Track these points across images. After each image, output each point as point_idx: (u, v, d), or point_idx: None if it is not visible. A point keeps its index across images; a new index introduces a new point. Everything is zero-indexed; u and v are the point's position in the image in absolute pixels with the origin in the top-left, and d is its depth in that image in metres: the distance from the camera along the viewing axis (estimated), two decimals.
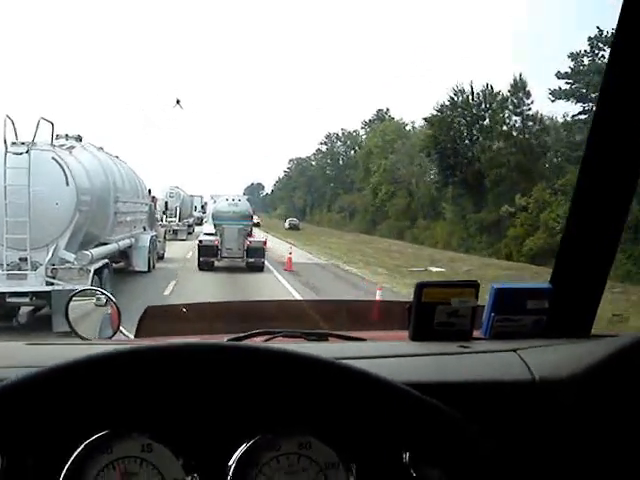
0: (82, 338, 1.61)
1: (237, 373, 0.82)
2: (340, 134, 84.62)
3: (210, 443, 0.91)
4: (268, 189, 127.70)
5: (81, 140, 11.66)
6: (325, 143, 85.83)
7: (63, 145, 10.56)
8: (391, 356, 1.12)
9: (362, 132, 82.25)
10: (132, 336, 1.74)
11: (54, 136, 9.96)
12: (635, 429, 1.04)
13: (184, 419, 0.89)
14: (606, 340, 1.17)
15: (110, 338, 1.66)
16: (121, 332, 1.71)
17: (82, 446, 0.89)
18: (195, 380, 0.82)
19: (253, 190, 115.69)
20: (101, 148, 12.66)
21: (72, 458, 0.89)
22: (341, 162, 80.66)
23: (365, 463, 0.93)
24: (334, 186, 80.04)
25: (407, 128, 59.88)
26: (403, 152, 52.29)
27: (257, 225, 46.94)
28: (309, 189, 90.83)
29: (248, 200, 19.85)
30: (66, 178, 9.30)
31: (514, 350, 1.14)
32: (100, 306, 1.76)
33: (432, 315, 1.22)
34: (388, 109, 72.06)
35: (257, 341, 1.33)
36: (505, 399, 1.03)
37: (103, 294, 1.79)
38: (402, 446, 0.89)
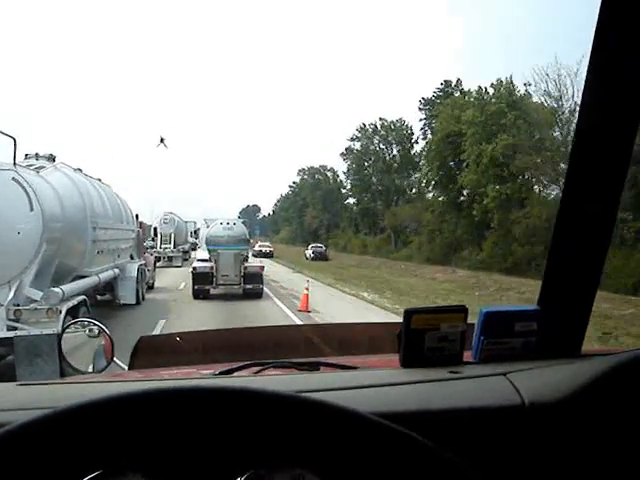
0: (76, 371, 1.70)
1: (225, 413, 0.86)
2: (378, 125, 64.76)
3: (204, 479, 0.96)
4: (265, 211, 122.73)
5: (54, 160, 10.85)
6: (357, 139, 65.53)
7: (31, 165, 9.70)
8: (383, 385, 1.19)
9: (418, 117, 66.04)
10: (126, 367, 1.80)
11: (21, 156, 8.93)
12: (627, 448, 1.10)
13: (177, 457, 0.92)
14: (595, 359, 1.24)
15: (103, 370, 1.73)
16: (115, 363, 1.77)
17: None
18: (184, 420, 0.86)
19: (249, 212, 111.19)
20: (79, 169, 11.76)
21: None
22: (381, 164, 62.21)
23: None
24: (368, 199, 64.61)
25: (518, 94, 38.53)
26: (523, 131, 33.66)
27: (269, 255, 45.66)
28: (324, 206, 74.54)
29: (244, 223, 19.62)
30: (30, 202, 8.55)
31: (504, 374, 1.21)
32: (93, 337, 1.81)
33: (422, 341, 1.28)
34: (459, 79, 55.43)
35: (249, 372, 1.42)
36: (495, 425, 1.10)
37: (95, 325, 1.85)
38: (391, 478, 0.94)
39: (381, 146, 63.91)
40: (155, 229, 29.44)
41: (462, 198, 40.93)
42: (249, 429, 0.89)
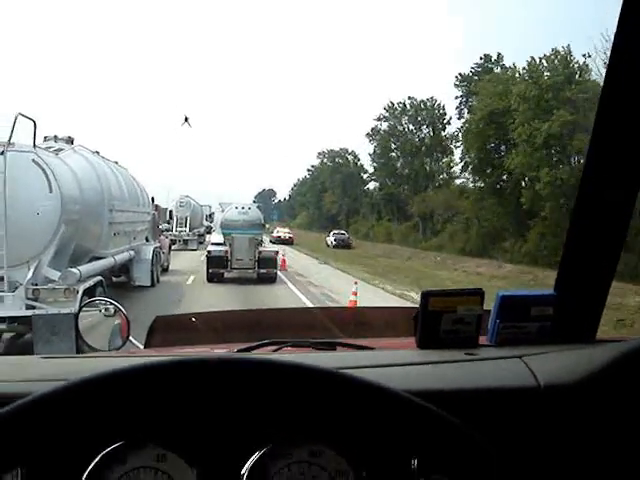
0: (92, 349, 1.72)
1: (246, 385, 0.88)
2: (407, 104, 57.34)
3: (223, 452, 0.97)
4: (281, 195, 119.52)
5: (72, 142, 10.90)
6: (384, 119, 58.33)
7: (50, 147, 9.87)
8: (399, 364, 1.20)
9: (452, 95, 62.67)
10: (142, 346, 1.84)
11: (41, 138, 9.08)
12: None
13: (197, 429, 0.95)
14: (611, 345, 1.24)
15: (119, 348, 1.75)
16: (131, 342, 1.80)
17: (98, 457, 0.96)
18: (207, 392, 0.88)
19: (264, 197, 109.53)
20: (97, 152, 11.77)
21: (89, 469, 0.96)
22: (410, 146, 55.06)
23: (375, 470, 0.99)
24: (393, 184, 58.47)
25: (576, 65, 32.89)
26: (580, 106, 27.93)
27: (289, 242, 42.94)
28: (344, 190, 69.16)
29: (258, 208, 19.70)
30: (49, 184, 8.61)
31: (519, 357, 1.22)
32: (109, 316, 1.83)
33: (439, 323, 1.30)
34: (500, 54, 48.47)
35: (266, 351, 1.43)
36: (511, 406, 1.11)
37: (112, 304, 1.88)
38: (410, 453, 0.95)
39: (410, 127, 57.23)
40: (171, 212, 29.49)
41: (504, 183, 36.06)
42: (269, 402, 0.89)
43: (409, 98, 58.00)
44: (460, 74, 51.99)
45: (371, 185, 66.05)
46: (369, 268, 24.98)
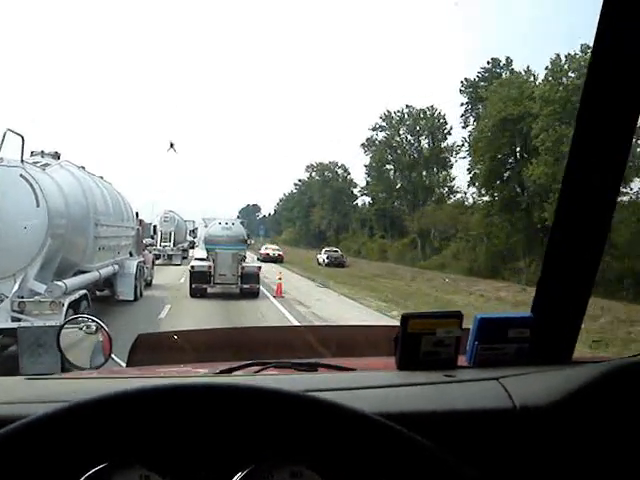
0: (74, 367, 1.72)
1: (224, 409, 0.89)
2: (405, 113, 54.55)
3: (205, 474, 0.97)
4: (265, 211, 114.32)
5: (59, 157, 11.03)
6: (381, 128, 55.20)
7: (37, 162, 10.01)
8: (379, 387, 1.21)
9: (455, 103, 60.93)
10: (124, 364, 1.84)
11: (28, 153, 9.18)
12: (617, 453, 1.11)
13: (180, 450, 0.95)
14: (586, 366, 1.26)
15: (101, 366, 1.74)
16: (113, 359, 1.80)
17: (82, 479, 0.95)
18: (188, 415, 0.89)
19: (249, 212, 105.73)
20: (82, 167, 11.96)
21: None
22: (407, 158, 52.84)
23: None
24: (385, 198, 55.74)
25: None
26: None
27: (278, 260, 38.78)
28: (334, 205, 66.21)
29: (242, 223, 19.71)
30: (36, 198, 8.69)
31: (496, 379, 1.22)
32: (90, 334, 1.83)
33: (418, 345, 1.31)
34: (509, 58, 45.96)
35: (248, 372, 1.44)
36: (488, 428, 1.11)
37: (94, 322, 1.87)
38: (388, 477, 0.92)
39: (408, 137, 54.28)
40: (155, 227, 29.40)
41: (519, 197, 32.95)
42: (250, 425, 0.90)
43: (407, 107, 55.33)
44: (466, 79, 48.83)
45: (362, 200, 63.71)
46: (376, 293, 21.55)
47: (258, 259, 34.71)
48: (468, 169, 42.14)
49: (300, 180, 79.65)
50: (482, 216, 35.49)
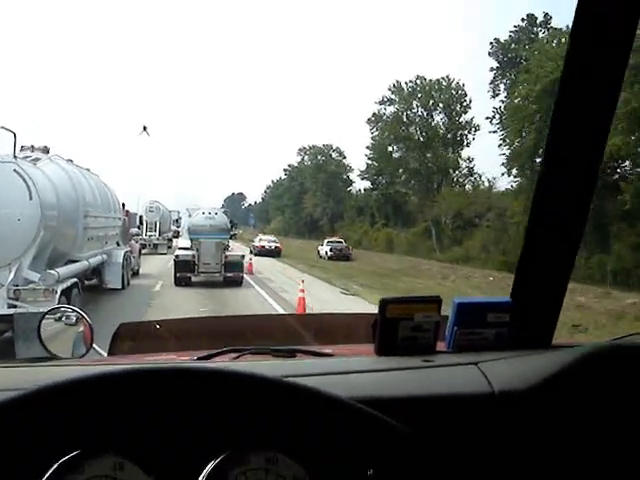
0: (55, 357, 1.67)
1: (200, 394, 0.88)
2: (416, 83, 45.87)
3: (180, 460, 0.95)
4: (251, 199, 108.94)
5: (48, 152, 11.33)
6: (390, 102, 46.62)
7: (28, 157, 10.27)
8: (356, 372, 1.18)
9: (472, 72, 55.97)
10: (105, 353, 1.81)
11: (18, 147, 9.58)
12: (595, 438, 1.09)
13: (154, 437, 0.93)
14: (565, 350, 1.23)
15: (83, 356, 1.72)
16: (94, 349, 1.76)
17: (54, 466, 0.93)
18: (162, 401, 0.88)
19: (234, 201, 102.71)
20: (70, 160, 12.36)
21: (44, 478, 0.93)
22: (420, 136, 44.74)
23: (331, 478, 0.97)
24: (388, 181, 48.41)
25: None
26: None
27: (275, 253, 32.90)
28: (329, 191, 59.45)
29: (225, 213, 19.75)
30: (29, 192, 8.93)
31: (475, 363, 1.20)
32: (70, 325, 1.81)
33: (396, 330, 1.27)
34: (548, 14, 38.16)
35: (226, 358, 1.41)
36: (466, 412, 1.09)
37: (74, 311, 1.84)
38: (365, 462, 0.93)
39: (421, 111, 45.98)
40: (141, 217, 29.42)
41: None
42: (226, 411, 0.89)
43: (417, 77, 46.53)
44: (496, 40, 40.15)
45: (357, 186, 57.75)
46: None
47: (251, 252, 31.56)
48: (501, 144, 34.60)
49: (290, 165, 72.73)
50: (523, 200, 27.18)
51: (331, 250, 35.17)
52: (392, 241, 43.04)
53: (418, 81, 46.47)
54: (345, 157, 63.19)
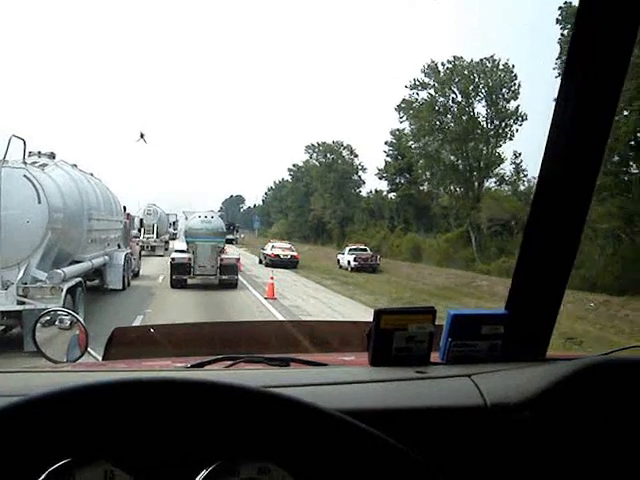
0: (50, 360, 1.65)
1: (193, 404, 0.86)
2: (455, 65, 36.86)
3: (171, 469, 0.93)
4: (250, 202, 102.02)
5: (54, 157, 11.66)
6: (422, 86, 37.73)
7: (35, 162, 10.53)
8: (351, 382, 1.16)
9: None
10: (100, 357, 1.78)
11: (26, 153, 9.95)
12: (589, 450, 1.07)
13: (146, 446, 0.92)
14: (559, 363, 1.20)
15: (77, 360, 1.69)
16: (89, 353, 1.74)
17: (44, 475, 0.91)
18: (153, 410, 0.86)
19: (232, 203, 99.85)
20: (75, 165, 12.69)
21: None
22: (457, 126, 35.77)
23: None
24: (410, 182, 41.65)
25: None
26: None
27: (291, 264, 27.44)
28: (340, 192, 52.89)
29: (221, 217, 19.88)
30: (38, 196, 9.26)
31: (468, 375, 1.17)
32: (64, 329, 1.78)
33: (391, 341, 1.25)
34: None
35: (220, 366, 1.38)
36: (458, 424, 1.07)
37: (69, 315, 1.81)
38: (356, 474, 0.90)
39: (459, 98, 36.66)
40: (142, 220, 29.95)
41: None
42: (217, 421, 0.88)
43: (455, 59, 37.16)
44: (567, 4, 27.39)
45: (370, 186, 52.10)
46: None
47: (260, 262, 28.27)
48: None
49: (295, 165, 65.22)
50: (619, 202, 20.10)
51: (355, 260, 28.98)
52: (419, 248, 35.51)
53: (456, 62, 37.24)
54: (357, 155, 56.06)
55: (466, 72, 36.88)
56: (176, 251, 19.05)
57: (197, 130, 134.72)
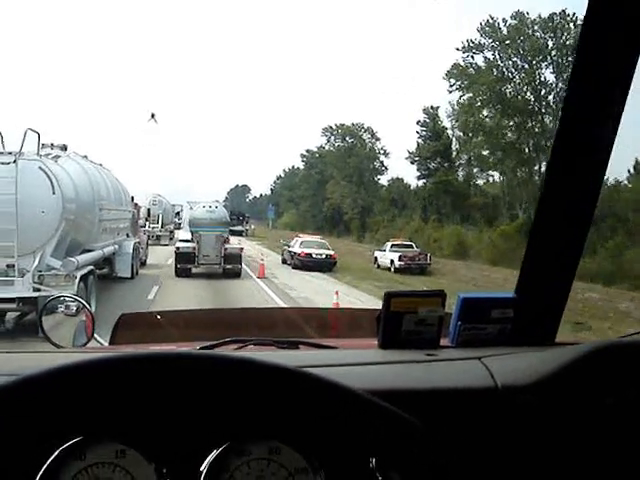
0: (56, 346, 1.62)
1: (205, 381, 0.83)
2: (518, 22, 30.35)
3: (182, 449, 0.92)
4: (256, 191, 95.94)
5: (66, 149, 11.84)
6: (478, 48, 32.07)
7: (49, 154, 10.68)
8: (360, 364, 1.15)
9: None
10: (106, 343, 1.75)
11: (40, 145, 10.24)
12: (597, 434, 1.05)
13: (157, 425, 0.90)
14: (568, 348, 1.18)
15: (84, 346, 1.66)
16: (95, 339, 1.71)
17: (56, 452, 0.90)
18: (165, 388, 0.84)
19: (238, 193, 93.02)
20: (85, 156, 12.93)
21: (46, 464, 0.90)
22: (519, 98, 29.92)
23: (333, 468, 0.94)
24: (447, 167, 35.53)
25: None
26: None
27: (326, 267, 20.96)
28: (361, 180, 46.72)
29: (225, 207, 19.89)
30: (52, 187, 9.44)
31: (478, 358, 1.16)
32: (71, 316, 1.75)
33: (400, 324, 1.24)
34: None
35: (228, 349, 1.36)
36: (469, 406, 1.05)
37: (76, 301, 1.79)
38: (368, 452, 0.89)
39: (519, 63, 30.36)
40: (149, 210, 30.12)
41: None
42: (227, 400, 0.86)
43: (516, 17, 30.09)
44: None
45: (396, 172, 45.40)
46: None
47: (284, 262, 23.09)
48: None
49: (308, 151, 57.75)
50: None
51: (400, 259, 23.12)
52: (463, 243, 29.69)
53: (519, 19, 29.93)
54: (379, 139, 49.10)
55: (530, 32, 30.24)
56: (180, 240, 19.14)
57: (202, 119, 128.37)
